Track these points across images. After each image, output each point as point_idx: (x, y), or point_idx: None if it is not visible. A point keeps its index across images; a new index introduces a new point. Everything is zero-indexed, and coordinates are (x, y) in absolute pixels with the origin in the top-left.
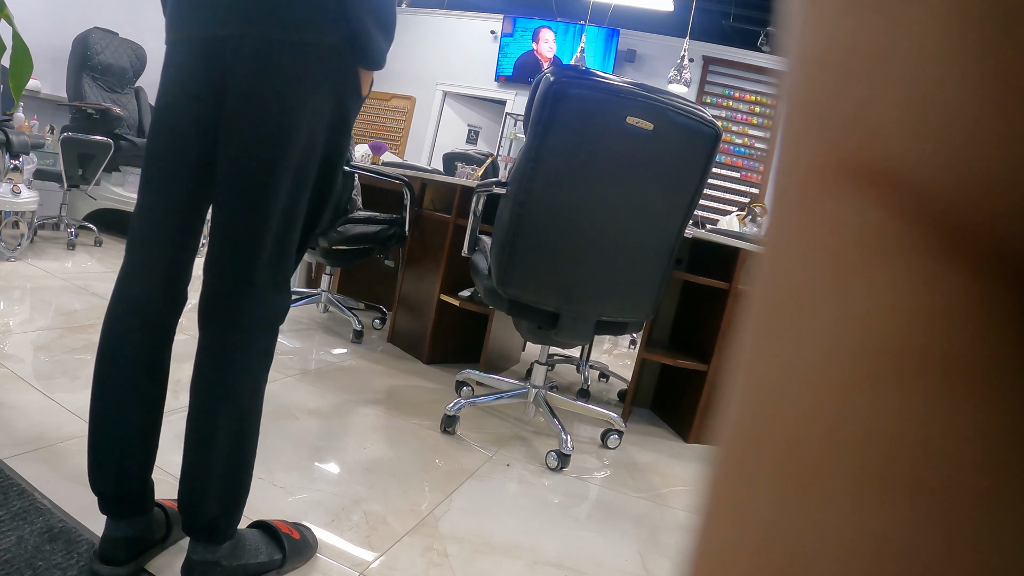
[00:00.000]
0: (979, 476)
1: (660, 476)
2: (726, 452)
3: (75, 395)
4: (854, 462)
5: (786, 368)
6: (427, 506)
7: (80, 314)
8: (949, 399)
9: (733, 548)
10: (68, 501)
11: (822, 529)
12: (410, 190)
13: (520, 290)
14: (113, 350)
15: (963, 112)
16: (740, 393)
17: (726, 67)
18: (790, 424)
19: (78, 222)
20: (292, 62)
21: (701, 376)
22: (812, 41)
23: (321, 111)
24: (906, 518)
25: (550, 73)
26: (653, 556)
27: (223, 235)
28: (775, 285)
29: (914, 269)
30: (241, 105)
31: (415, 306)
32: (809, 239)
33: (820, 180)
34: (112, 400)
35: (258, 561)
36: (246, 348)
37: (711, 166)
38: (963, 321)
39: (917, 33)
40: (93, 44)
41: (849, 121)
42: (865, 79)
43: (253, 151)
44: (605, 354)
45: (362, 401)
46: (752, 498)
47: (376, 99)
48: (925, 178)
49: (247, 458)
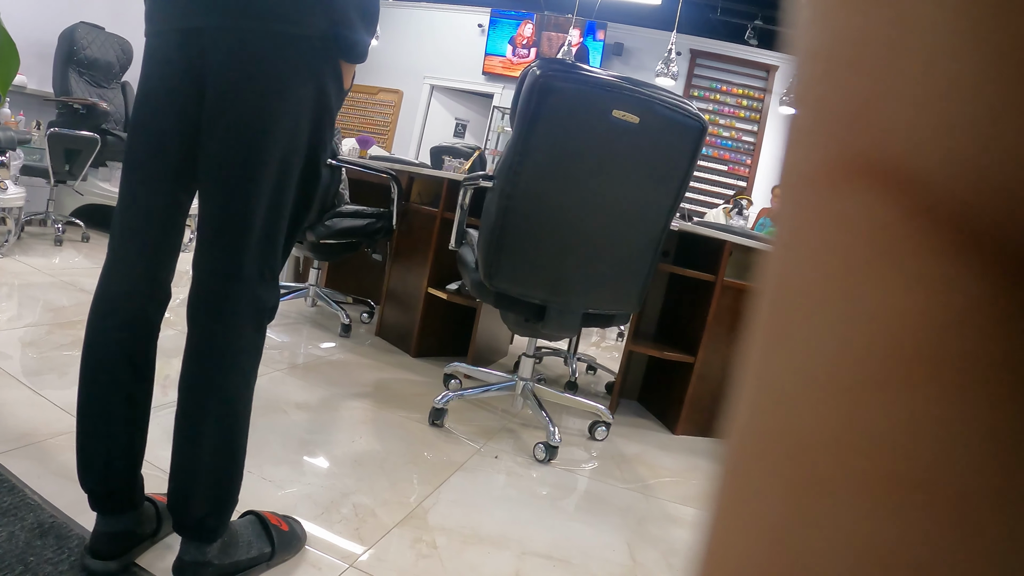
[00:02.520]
0: (993, 482)
1: (647, 467)
2: (734, 455)
3: (64, 391)
4: (864, 467)
5: (795, 370)
6: (416, 498)
7: (68, 310)
8: (962, 402)
9: (741, 553)
10: (58, 497)
11: (832, 535)
12: (397, 184)
13: (507, 283)
14: (97, 346)
15: (976, 107)
16: (748, 395)
17: (713, 60)
18: (799, 427)
19: (65, 218)
20: (271, 53)
21: (688, 368)
22: (820, 36)
23: (302, 103)
24: (918, 525)
25: (536, 67)
26: (640, 546)
27: (209, 229)
28: (783, 286)
29: (926, 270)
30: (221, 98)
31: (403, 300)
32: (818, 239)
33: (829, 178)
34: (97, 396)
35: (249, 556)
36: (234, 343)
37: (697, 159)
38: (977, 323)
39: (926, 26)
40: (79, 39)
41: (858, 118)
42: (874, 74)
43: (234, 144)
44: (592, 346)
45: (350, 394)
46: (760, 503)
47: (363, 93)
48: (937, 176)
49: (237, 456)
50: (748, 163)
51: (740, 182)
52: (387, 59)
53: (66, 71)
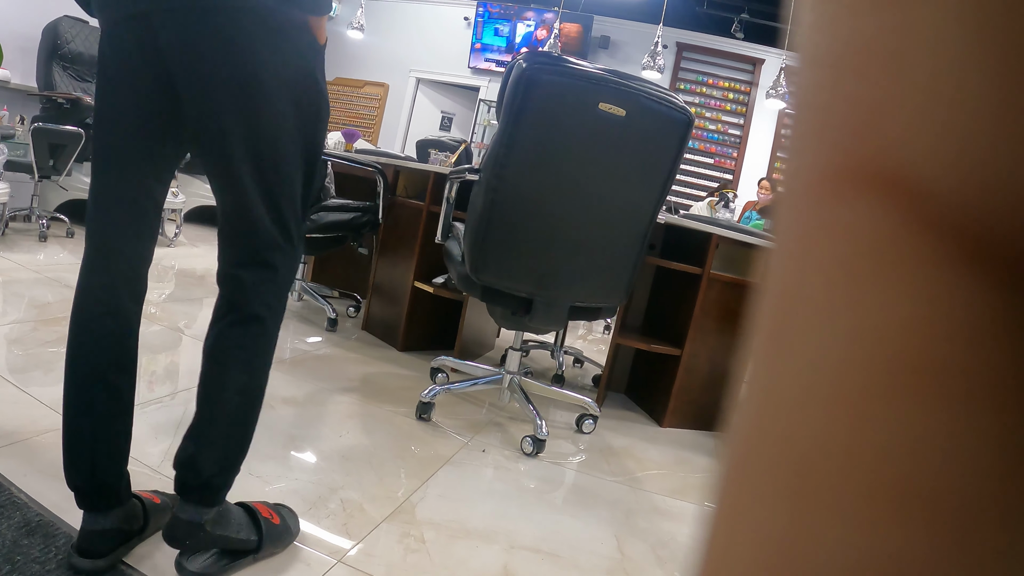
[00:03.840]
0: (1000, 495)
1: (635, 460)
2: (736, 465)
3: (50, 388)
4: (868, 479)
5: (797, 379)
6: (403, 493)
7: (53, 306)
8: (967, 414)
9: (741, 562)
10: (45, 495)
11: (834, 548)
12: (383, 177)
13: (493, 276)
14: (80, 341)
15: (981, 115)
16: (749, 404)
17: (700, 53)
18: (801, 438)
19: (50, 213)
20: (225, 26)
21: (675, 360)
22: (823, 42)
23: (275, 70)
24: (922, 538)
25: (523, 59)
26: (628, 539)
27: (228, 211)
28: (786, 295)
29: (931, 280)
30: (190, 85)
31: (389, 293)
32: (821, 248)
33: (832, 187)
34: (82, 391)
35: (239, 537)
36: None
37: (683, 152)
38: (983, 334)
39: (931, 32)
40: (63, 33)
41: (862, 125)
42: (878, 82)
43: (214, 124)
44: (579, 339)
45: (337, 389)
46: (762, 514)
47: (349, 86)
48: (942, 185)
49: (249, 425)
50: (734, 156)
51: (726, 175)
52: (373, 52)
53: (50, 65)
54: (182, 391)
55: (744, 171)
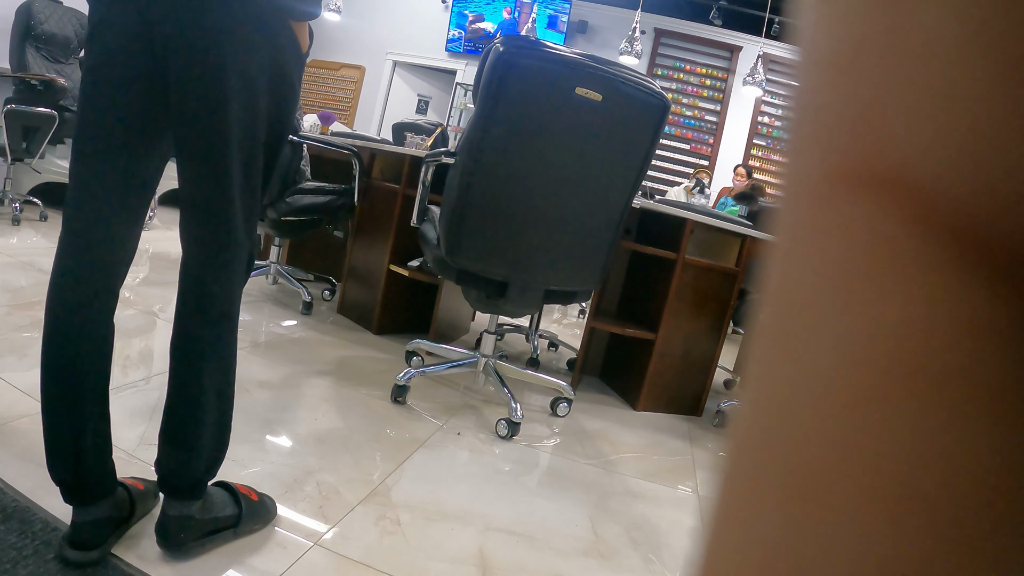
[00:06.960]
0: (997, 499)
1: (609, 443)
2: (733, 466)
3: (24, 374)
4: (864, 482)
5: (795, 381)
6: (379, 475)
7: (27, 291)
8: (965, 417)
9: (738, 563)
10: (21, 480)
11: (830, 551)
12: (359, 160)
13: (469, 260)
14: (56, 326)
15: (980, 115)
16: (749, 404)
17: (677, 39)
18: (798, 440)
19: (23, 196)
20: (216, 16)
21: (649, 344)
22: (820, 42)
23: (255, 66)
24: (918, 542)
25: (500, 43)
26: (603, 521)
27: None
28: (783, 297)
29: (928, 281)
30: (177, 70)
31: (364, 277)
32: (818, 249)
33: (830, 188)
34: (60, 377)
35: (225, 515)
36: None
37: (659, 137)
38: (981, 336)
39: (928, 33)
40: (36, 13)
41: (859, 126)
42: (875, 82)
43: (194, 112)
44: (554, 323)
45: (312, 372)
46: (758, 516)
47: (325, 69)
48: (940, 186)
49: (229, 414)
50: (710, 142)
51: (702, 161)
52: (349, 35)
53: (23, 46)
54: (156, 375)
55: (720, 157)
